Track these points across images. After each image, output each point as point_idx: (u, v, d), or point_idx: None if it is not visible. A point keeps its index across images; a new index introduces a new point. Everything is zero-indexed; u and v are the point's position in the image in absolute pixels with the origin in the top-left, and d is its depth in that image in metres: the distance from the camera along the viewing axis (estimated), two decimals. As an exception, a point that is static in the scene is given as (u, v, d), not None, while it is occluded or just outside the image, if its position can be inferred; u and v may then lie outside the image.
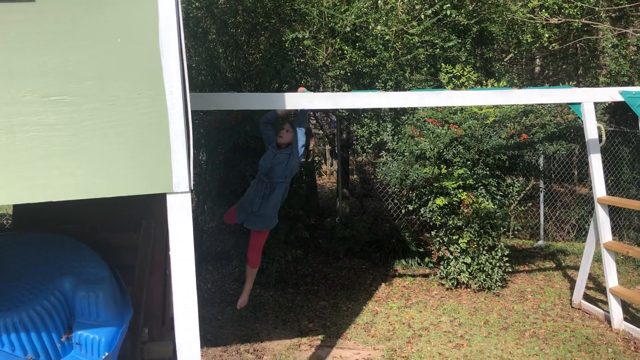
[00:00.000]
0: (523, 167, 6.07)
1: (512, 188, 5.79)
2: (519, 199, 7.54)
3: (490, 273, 5.75)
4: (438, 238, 5.87)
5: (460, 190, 5.51)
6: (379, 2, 6.25)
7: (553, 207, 9.03)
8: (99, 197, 2.46)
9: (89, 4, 2.40)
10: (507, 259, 5.86)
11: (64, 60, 2.41)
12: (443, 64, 6.38)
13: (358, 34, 6.09)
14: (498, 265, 5.78)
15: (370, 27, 6.01)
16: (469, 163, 5.61)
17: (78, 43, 2.41)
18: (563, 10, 7.12)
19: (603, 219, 4.92)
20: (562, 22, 6.98)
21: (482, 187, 5.61)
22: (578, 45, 9.45)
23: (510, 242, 8.05)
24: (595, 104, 4.96)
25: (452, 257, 5.76)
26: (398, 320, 5.09)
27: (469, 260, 5.68)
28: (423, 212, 5.79)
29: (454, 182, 5.47)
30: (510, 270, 6.12)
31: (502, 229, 5.83)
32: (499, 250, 5.77)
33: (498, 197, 5.68)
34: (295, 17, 6.17)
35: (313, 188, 8.96)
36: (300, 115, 4.12)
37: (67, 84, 2.42)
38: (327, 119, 10.68)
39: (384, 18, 5.98)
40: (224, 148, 5.40)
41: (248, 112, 5.36)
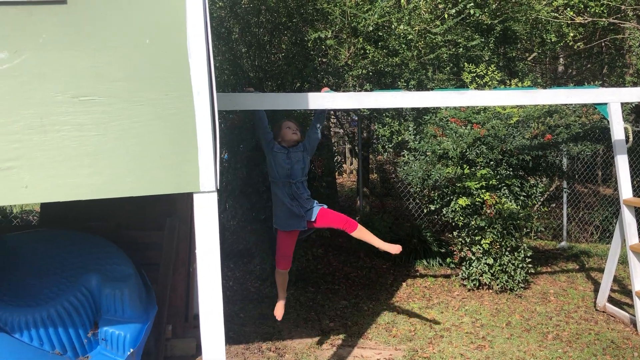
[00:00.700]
0: (546, 167, 6.01)
1: (535, 189, 5.73)
2: (542, 200, 7.46)
3: (513, 274, 5.71)
4: (460, 238, 5.84)
5: (483, 191, 5.47)
6: (402, 1, 6.23)
7: (576, 208, 8.92)
8: (128, 196, 2.50)
9: (119, 6, 2.44)
10: (529, 260, 5.81)
11: (94, 61, 2.45)
12: (466, 64, 6.34)
13: (380, 34, 6.07)
14: (520, 267, 5.73)
15: (393, 26, 5.99)
16: (492, 163, 5.57)
17: (108, 44, 2.46)
18: (589, 9, 7.02)
19: (629, 221, 4.84)
20: (587, 21, 6.88)
21: (505, 187, 5.57)
22: (603, 44, 9.32)
23: (533, 243, 7.97)
24: (622, 104, 4.89)
25: (474, 257, 5.73)
26: (419, 321, 5.08)
27: (491, 261, 5.64)
28: (445, 212, 5.76)
29: (477, 182, 5.44)
30: (533, 272, 6.06)
31: (525, 230, 5.78)
32: (522, 251, 5.72)
33: (521, 197, 5.63)
34: (318, 16, 6.18)
35: (333, 187, 8.97)
36: (320, 112, 4.11)
37: (96, 85, 2.46)
38: (347, 118, 10.69)
39: (407, 17, 5.95)
40: (247, 147, 5.43)
41: (271, 111, 5.38)
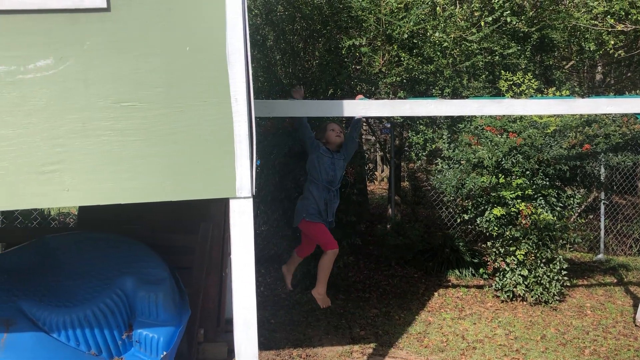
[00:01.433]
0: (583, 177, 5.87)
1: (572, 199, 5.61)
2: (580, 211, 7.30)
3: (548, 286, 5.59)
4: (494, 249, 5.75)
5: (519, 201, 5.38)
6: (438, 9, 6.19)
7: (614, 220, 8.69)
8: (166, 200, 2.53)
9: (161, 14, 2.48)
10: (565, 273, 5.68)
11: (136, 68, 2.49)
12: (502, 72, 6.26)
13: (415, 41, 6.04)
14: (556, 279, 5.61)
15: (428, 33, 5.96)
16: (528, 173, 5.47)
17: (149, 51, 2.50)
18: (630, 16, 6.85)
19: (671, 235, 4.70)
20: (629, 29, 6.72)
21: (541, 197, 5.46)
22: (644, 52, 9.08)
23: (568, 255, 7.79)
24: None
25: (508, 268, 5.63)
26: (452, 332, 5.01)
27: (526, 273, 5.54)
28: (479, 222, 5.68)
29: (513, 192, 5.35)
30: (569, 284, 5.92)
31: (561, 242, 5.65)
32: (558, 263, 5.60)
33: (558, 208, 5.52)
34: (352, 24, 6.18)
35: (364, 194, 8.94)
36: (356, 121, 4.13)
37: (137, 91, 2.51)
38: (379, 125, 10.65)
39: (442, 25, 5.91)
40: (280, 153, 5.46)
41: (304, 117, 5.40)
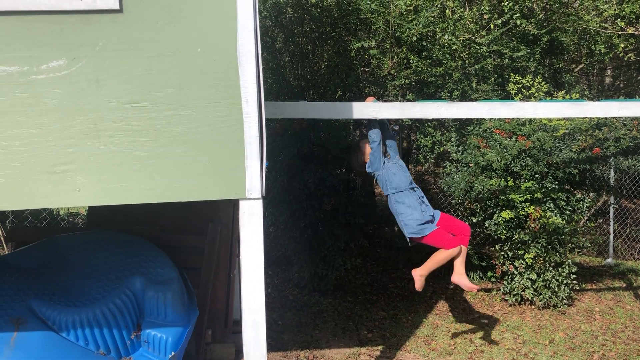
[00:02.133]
0: (593, 181, 5.84)
1: (582, 203, 5.58)
2: (589, 215, 7.26)
3: (557, 290, 5.56)
4: (502, 252, 5.72)
5: (528, 204, 5.35)
6: (447, 11, 6.18)
7: (623, 224, 8.63)
8: (176, 201, 2.54)
9: (172, 15, 2.49)
10: (574, 277, 5.65)
11: (147, 69, 2.51)
12: (512, 74, 6.24)
13: (424, 43, 6.04)
14: (565, 283, 5.58)
15: (437, 36, 5.95)
16: (537, 176, 5.45)
17: (161, 52, 2.51)
18: (640, 20, 6.83)
19: (682, 239, 4.67)
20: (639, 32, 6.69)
21: (550, 201, 5.43)
22: (654, 56, 9.03)
23: (577, 259, 7.75)
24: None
25: (516, 272, 5.61)
26: (459, 335, 4.99)
27: (534, 276, 5.51)
28: (488, 225, 5.66)
29: (521, 195, 5.33)
30: (577, 288, 5.89)
31: (570, 245, 5.63)
32: (567, 267, 5.57)
33: (567, 212, 5.49)
34: (361, 26, 6.19)
35: (372, 196, 8.92)
36: (383, 124, 4.09)
37: (149, 92, 2.52)
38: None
39: (452, 27, 5.90)
40: (288, 155, 5.47)
41: (312, 120, 5.41)
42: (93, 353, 3.43)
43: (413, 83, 6.16)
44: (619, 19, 6.80)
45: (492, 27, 6.19)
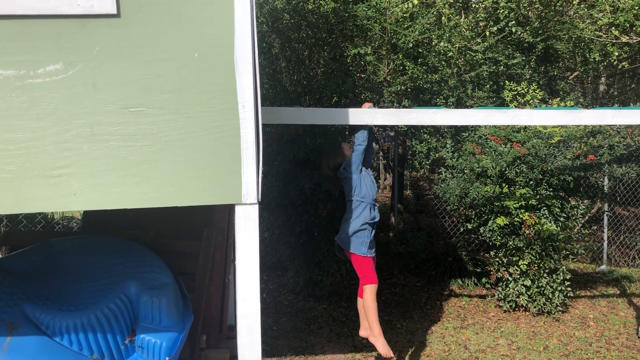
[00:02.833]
0: (587, 188, 5.87)
1: (576, 210, 5.61)
2: (583, 222, 7.29)
3: (551, 297, 5.57)
4: (497, 258, 5.74)
5: (522, 211, 5.38)
6: (443, 18, 6.22)
7: (617, 231, 8.67)
8: (172, 205, 2.54)
9: (170, 20, 2.50)
10: (568, 283, 5.66)
11: (144, 73, 2.51)
12: (507, 82, 6.27)
13: (420, 50, 6.07)
14: (559, 289, 5.60)
15: (433, 43, 5.98)
16: (532, 183, 5.47)
17: (158, 57, 2.51)
18: (635, 28, 6.88)
19: (675, 247, 4.69)
20: (634, 41, 6.74)
21: (545, 208, 5.46)
22: (648, 64, 9.10)
23: (571, 265, 7.77)
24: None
25: (511, 278, 5.62)
26: (454, 341, 4.99)
27: (529, 283, 5.53)
28: (482, 231, 5.68)
29: (516, 201, 5.35)
30: (572, 295, 5.91)
31: (564, 252, 5.65)
32: (561, 274, 5.59)
33: (561, 219, 5.52)
34: (358, 32, 6.21)
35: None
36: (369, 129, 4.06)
37: (146, 96, 2.52)
38: (382, 134, 10.66)
39: (447, 34, 5.94)
40: (284, 160, 5.47)
41: (308, 125, 5.42)
42: (87, 358, 3.41)
43: (409, 89, 6.18)
44: (613, 28, 6.86)
45: (487, 34, 6.23)
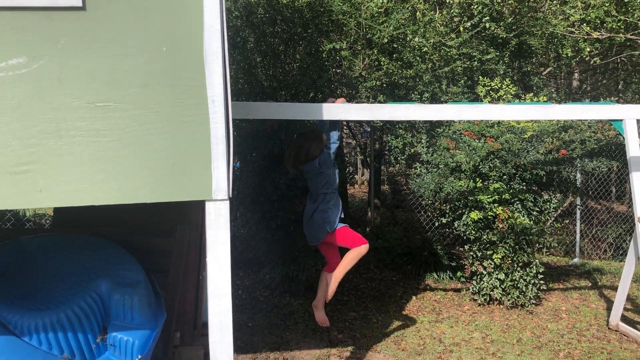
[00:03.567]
0: (560, 182, 5.96)
1: (549, 204, 5.68)
2: (556, 216, 7.40)
3: (524, 290, 5.64)
4: (471, 252, 5.79)
5: (496, 205, 5.43)
6: (418, 14, 6.23)
7: (589, 224, 8.83)
8: (141, 202, 2.50)
9: (137, 14, 2.46)
10: (541, 276, 5.74)
11: (111, 68, 2.47)
12: (481, 77, 6.32)
13: (395, 45, 6.08)
14: (532, 283, 5.67)
15: (408, 38, 5.99)
16: (505, 177, 5.53)
17: (125, 51, 2.47)
18: (605, 25, 6.98)
19: (644, 239, 4.78)
20: (604, 37, 6.84)
21: (518, 202, 5.52)
22: (619, 60, 9.26)
23: (545, 259, 7.89)
24: (638, 121, 4.84)
25: (485, 272, 5.68)
26: (429, 335, 5.03)
27: (503, 276, 5.59)
28: (457, 225, 5.72)
29: (490, 196, 5.40)
30: (545, 288, 5.99)
31: (537, 246, 5.72)
32: (534, 267, 5.66)
33: (534, 212, 5.58)
34: (333, 27, 6.19)
35: (344, 197, 8.95)
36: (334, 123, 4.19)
37: (113, 91, 2.48)
38: (359, 129, 10.68)
39: (422, 30, 5.95)
40: (259, 156, 5.44)
41: (284, 120, 5.40)
42: (57, 357, 3.36)
43: (384, 85, 6.19)
44: (585, 24, 6.95)
45: (461, 29, 6.27)
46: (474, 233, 5.62)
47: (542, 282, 5.78)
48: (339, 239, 4.28)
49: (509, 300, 5.65)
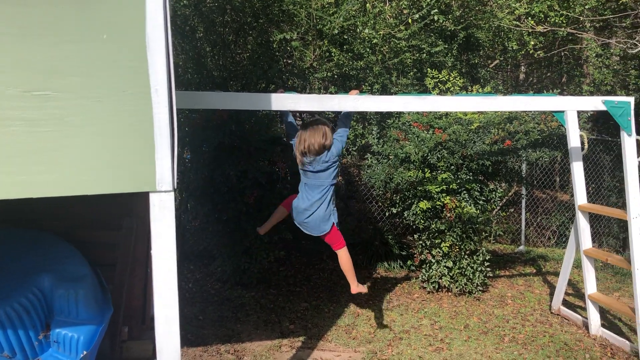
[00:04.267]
0: (506, 172, 6.13)
1: (494, 193, 5.84)
2: (501, 205, 7.62)
3: (472, 277, 5.80)
4: (420, 241, 5.90)
5: (444, 195, 5.54)
6: (367, 5, 6.27)
7: (535, 213, 9.12)
8: (81, 194, 2.43)
9: (75, 0, 2.38)
10: (488, 264, 5.90)
11: (49, 56, 2.38)
12: (429, 69, 6.42)
13: (346, 37, 6.10)
14: (479, 270, 5.83)
15: (358, 30, 6.03)
16: (453, 168, 5.65)
17: (63, 38, 2.38)
18: (549, 19, 7.20)
19: (583, 226, 4.98)
20: (547, 30, 7.05)
21: (465, 191, 5.65)
22: (563, 54, 9.58)
23: (492, 247, 8.12)
24: (579, 113, 5.02)
25: (434, 260, 5.80)
26: (379, 323, 5.11)
27: (451, 264, 5.72)
28: (406, 215, 5.82)
29: (438, 186, 5.51)
30: (491, 275, 6.17)
31: (484, 234, 5.88)
32: (481, 255, 5.81)
33: (481, 202, 5.73)
34: (284, 17, 6.17)
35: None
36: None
37: (51, 79, 2.39)
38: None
39: (372, 22, 6.00)
40: (209, 147, 5.39)
41: (234, 111, 5.35)
42: (-4, 356, 3.24)
43: (335, 76, 6.22)
44: (530, 18, 7.15)
45: (410, 22, 6.34)
46: (423, 222, 5.73)
47: (488, 269, 5.95)
48: (332, 234, 4.19)
49: (457, 288, 5.80)
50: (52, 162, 2.40)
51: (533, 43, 7.38)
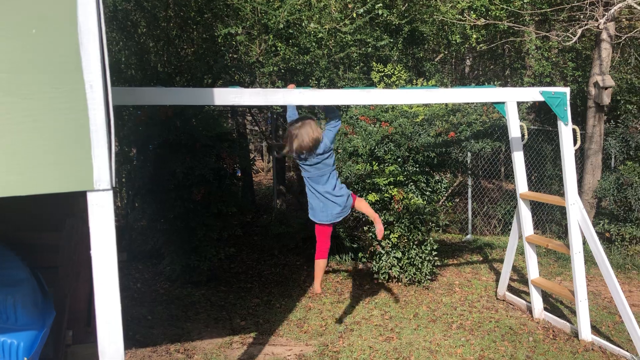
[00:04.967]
0: (451, 164, 6.26)
1: (440, 184, 5.96)
2: (448, 195, 7.79)
3: (420, 267, 5.90)
4: (370, 233, 5.97)
5: (392, 187, 5.62)
6: (312, -1, 6.28)
7: (481, 202, 9.37)
8: (12, 195, 2.34)
9: (1, -8, 2.28)
10: (436, 253, 6.02)
11: (-27, 51, 2.28)
12: (375, 63, 6.48)
13: (291, 31, 6.09)
14: (427, 260, 5.94)
15: (304, 24, 6.03)
16: (400, 160, 5.73)
17: (-12, 33, 2.29)
18: (490, 12, 7.38)
19: (525, 214, 5.14)
20: (489, 23, 7.24)
21: (412, 183, 5.75)
22: (505, 47, 9.84)
23: (440, 236, 8.29)
24: (519, 104, 5.17)
25: (383, 251, 5.87)
26: (331, 316, 5.14)
27: (400, 255, 5.81)
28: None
29: (385, 178, 5.58)
30: (440, 264, 6.30)
31: (431, 224, 5.99)
32: (429, 245, 5.92)
33: (427, 193, 5.84)
34: (229, 12, 6.11)
35: (249, 185, 8.91)
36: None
37: (-24, 77, 2.29)
38: (262, 115, 10.65)
39: (317, 16, 6.01)
40: (154, 144, 5.28)
41: (179, 107, 5.27)
42: None
43: (282, 70, 6.20)
44: (472, 12, 7.32)
45: (354, 16, 6.38)
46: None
47: (436, 258, 6.07)
48: (355, 200, 4.31)
49: (406, 278, 5.89)
50: (-20, 162, 2.30)
51: (475, 36, 7.56)
